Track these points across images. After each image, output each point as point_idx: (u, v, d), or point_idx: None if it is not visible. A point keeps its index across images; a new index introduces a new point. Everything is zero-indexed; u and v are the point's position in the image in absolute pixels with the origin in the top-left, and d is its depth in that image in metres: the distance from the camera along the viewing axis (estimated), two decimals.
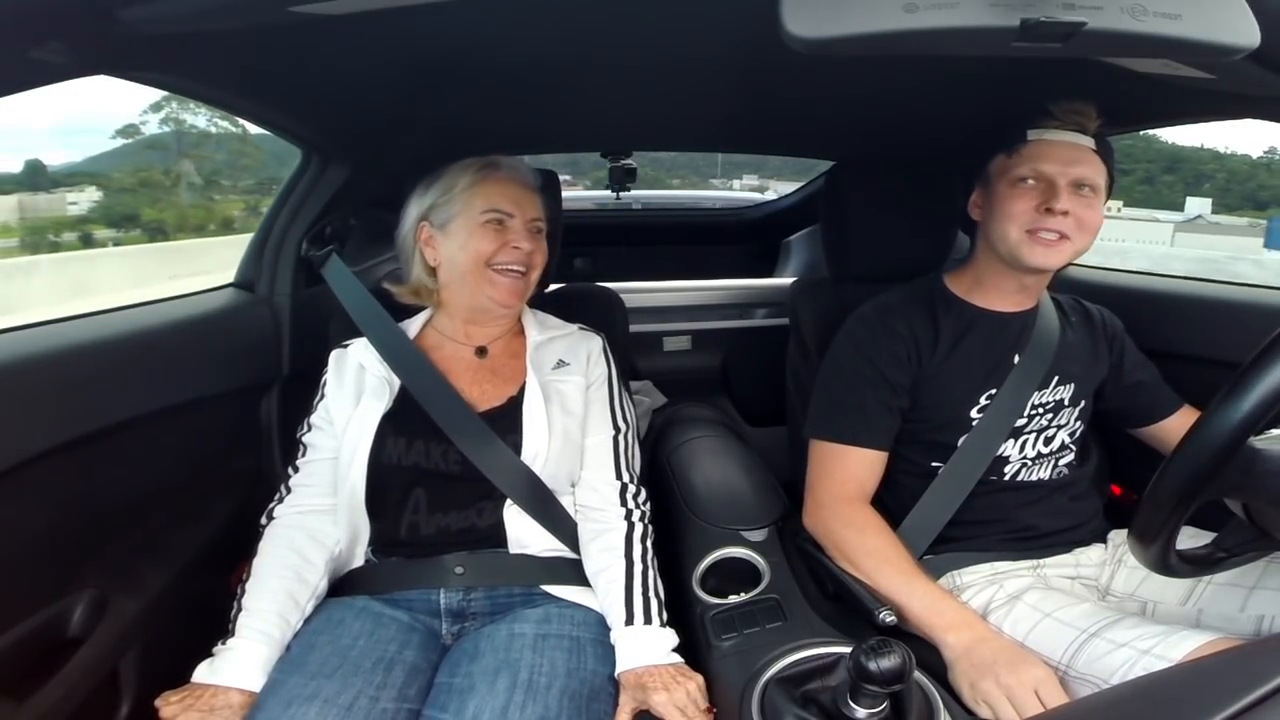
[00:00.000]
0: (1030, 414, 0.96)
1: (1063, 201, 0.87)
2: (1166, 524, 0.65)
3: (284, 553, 0.86)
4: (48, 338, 0.83)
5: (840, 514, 0.92)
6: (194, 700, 0.73)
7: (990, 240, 0.96)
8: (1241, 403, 0.57)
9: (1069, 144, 0.89)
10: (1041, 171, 0.89)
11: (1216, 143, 15.64)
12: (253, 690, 0.75)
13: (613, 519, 0.92)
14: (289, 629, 0.81)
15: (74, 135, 28.83)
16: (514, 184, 0.97)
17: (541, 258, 0.99)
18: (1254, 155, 11.69)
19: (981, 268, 1.00)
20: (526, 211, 0.96)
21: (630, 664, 0.80)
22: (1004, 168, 0.92)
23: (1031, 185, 0.90)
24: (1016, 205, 0.90)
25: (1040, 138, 0.90)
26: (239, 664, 0.76)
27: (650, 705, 0.76)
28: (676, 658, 0.81)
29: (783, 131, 1.52)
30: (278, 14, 0.61)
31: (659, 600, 0.86)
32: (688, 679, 0.77)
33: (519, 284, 0.96)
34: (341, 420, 0.92)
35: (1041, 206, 0.88)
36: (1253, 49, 0.51)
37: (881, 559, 0.86)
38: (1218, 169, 11.84)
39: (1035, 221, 0.89)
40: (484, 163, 0.98)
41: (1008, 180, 0.91)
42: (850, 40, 0.49)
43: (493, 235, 0.94)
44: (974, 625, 0.80)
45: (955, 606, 0.82)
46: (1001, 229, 0.92)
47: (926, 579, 0.85)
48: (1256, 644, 0.62)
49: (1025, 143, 0.90)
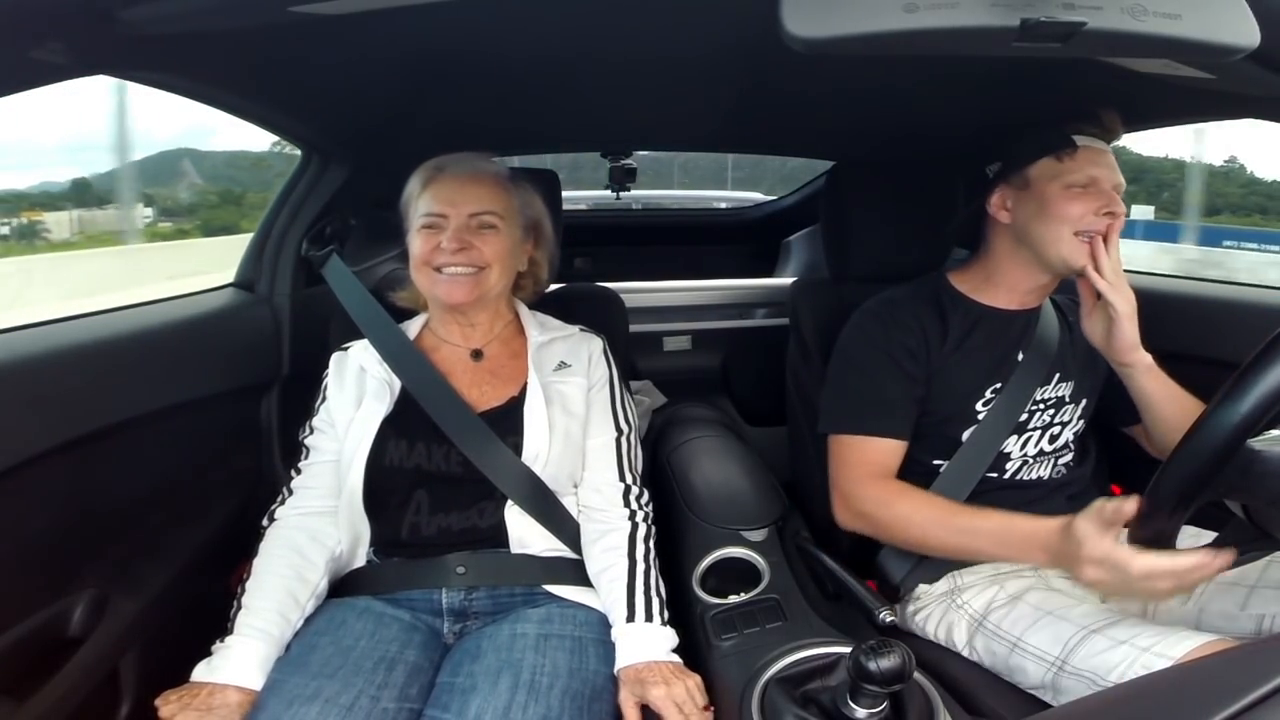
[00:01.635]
0: (1032, 409, 0.97)
1: (1118, 205, 0.92)
2: (1166, 524, 0.65)
3: (285, 552, 0.86)
4: (48, 338, 0.83)
5: (869, 498, 0.93)
6: (191, 699, 0.73)
7: (1029, 240, 0.95)
8: (1240, 404, 0.57)
9: (1107, 151, 0.94)
10: (1096, 178, 0.92)
11: (1183, 153, 15.64)
12: (251, 688, 0.75)
13: (616, 520, 0.92)
14: (289, 627, 0.81)
15: (77, 152, 28.16)
16: (454, 182, 0.94)
17: (495, 253, 0.93)
18: (1215, 164, 11.82)
19: (998, 266, 1.00)
20: (465, 208, 0.93)
21: (630, 660, 0.80)
22: (1055, 172, 0.93)
23: (1087, 191, 0.92)
24: (1073, 208, 0.91)
25: (1089, 144, 0.93)
26: (237, 662, 0.76)
27: (649, 700, 0.76)
28: (676, 657, 0.81)
29: (783, 131, 1.52)
30: (278, 14, 0.61)
31: (660, 599, 0.86)
32: (686, 676, 0.78)
33: (463, 282, 0.92)
34: (343, 422, 0.91)
35: (1102, 210, 0.91)
36: (1253, 49, 0.51)
37: (926, 518, 0.88)
38: (1178, 178, 11.92)
39: (1090, 225, 0.91)
40: (433, 166, 0.97)
41: (1062, 184, 0.92)
42: (850, 40, 0.49)
43: (427, 238, 0.92)
44: (1040, 537, 0.80)
45: (1017, 530, 0.83)
46: (1053, 230, 0.93)
47: (974, 514, 0.87)
48: (1256, 644, 0.62)
49: (1076, 148, 0.92)
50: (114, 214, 4.92)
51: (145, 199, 4.52)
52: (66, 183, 4.00)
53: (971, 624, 0.88)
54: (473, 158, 0.98)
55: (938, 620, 0.93)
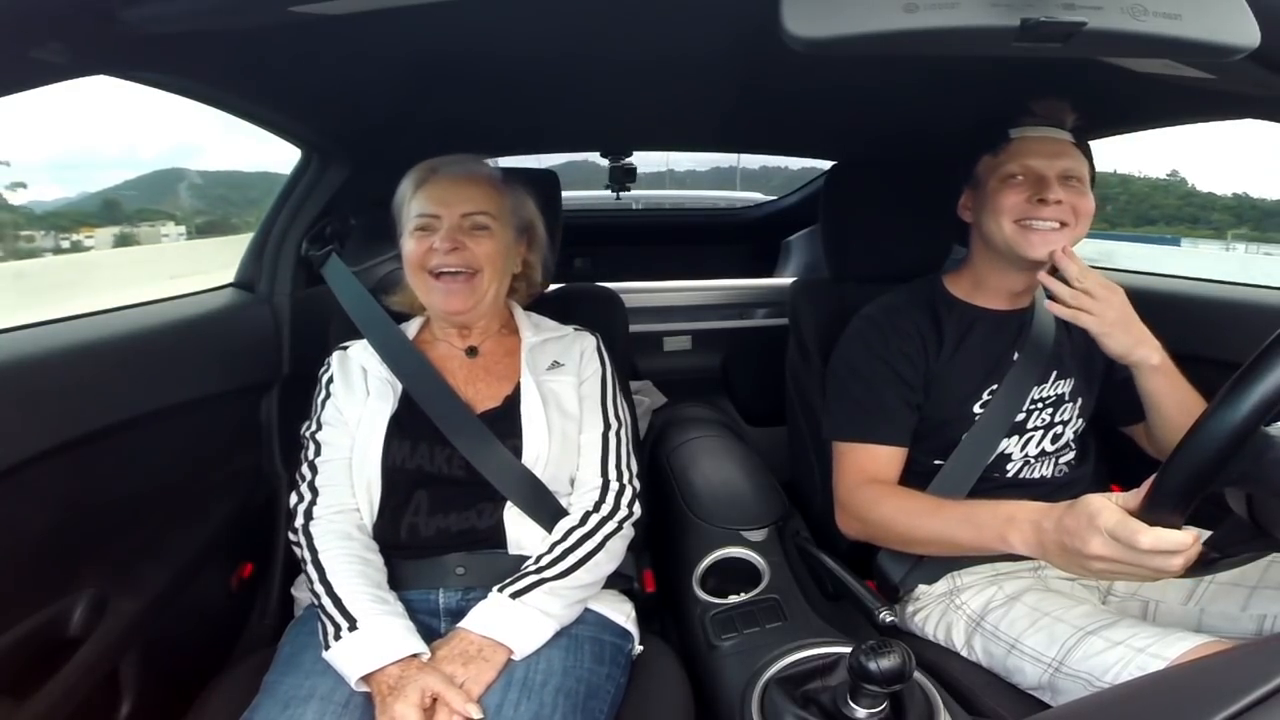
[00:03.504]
0: (1030, 408, 0.97)
1: (1055, 192, 0.90)
2: (1166, 524, 0.64)
3: (345, 543, 0.84)
4: (48, 338, 0.83)
5: (860, 500, 0.93)
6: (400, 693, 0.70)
7: (985, 237, 0.98)
8: (1239, 405, 0.57)
9: (1051, 139, 0.93)
10: (1030, 166, 0.92)
11: (1131, 167, 15.64)
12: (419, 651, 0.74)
13: (587, 510, 0.89)
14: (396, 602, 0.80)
15: (63, 170, 27.17)
16: (447, 183, 0.94)
17: (487, 255, 0.93)
18: (1157, 177, 11.80)
19: (980, 268, 1.02)
20: (458, 208, 0.92)
21: (468, 625, 0.77)
22: (992, 166, 0.95)
23: (1021, 180, 0.93)
24: (1007, 199, 0.93)
25: (1023, 134, 0.94)
26: (390, 634, 0.74)
27: (434, 660, 0.74)
28: (507, 654, 0.76)
29: (782, 131, 1.52)
30: (278, 14, 0.61)
31: (563, 601, 0.81)
32: (490, 669, 0.74)
33: (459, 288, 0.92)
34: (353, 420, 0.91)
35: (1033, 198, 0.91)
36: (1253, 49, 0.51)
37: (910, 513, 0.87)
38: (1121, 191, 11.85)
39: (1026, 213, 0.92)
40: (426, 167, 0.96)
41: (998, 177, 0.94)
42: (850, 40, 0.49)
43: (420, 239, 0.92)
44: (1017, 521, 0.76)
45: (983, 509, 0.81)
46: (995, 224, 0.94)
47: (955, 506, 0.86)
48: (1257, 644, 0.62)
49: (1009, 141, 0.94)
50: (147, 230, 4.88)
51: (169, 216, 4.52)
52: (96, 200, 4.00)
53: (970, 624, 0.88)
54: (465, 159, 0.98)
55: (937, 620, 0.93)
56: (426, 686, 0.70)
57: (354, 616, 0.75)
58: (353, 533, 0.85)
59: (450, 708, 0.69)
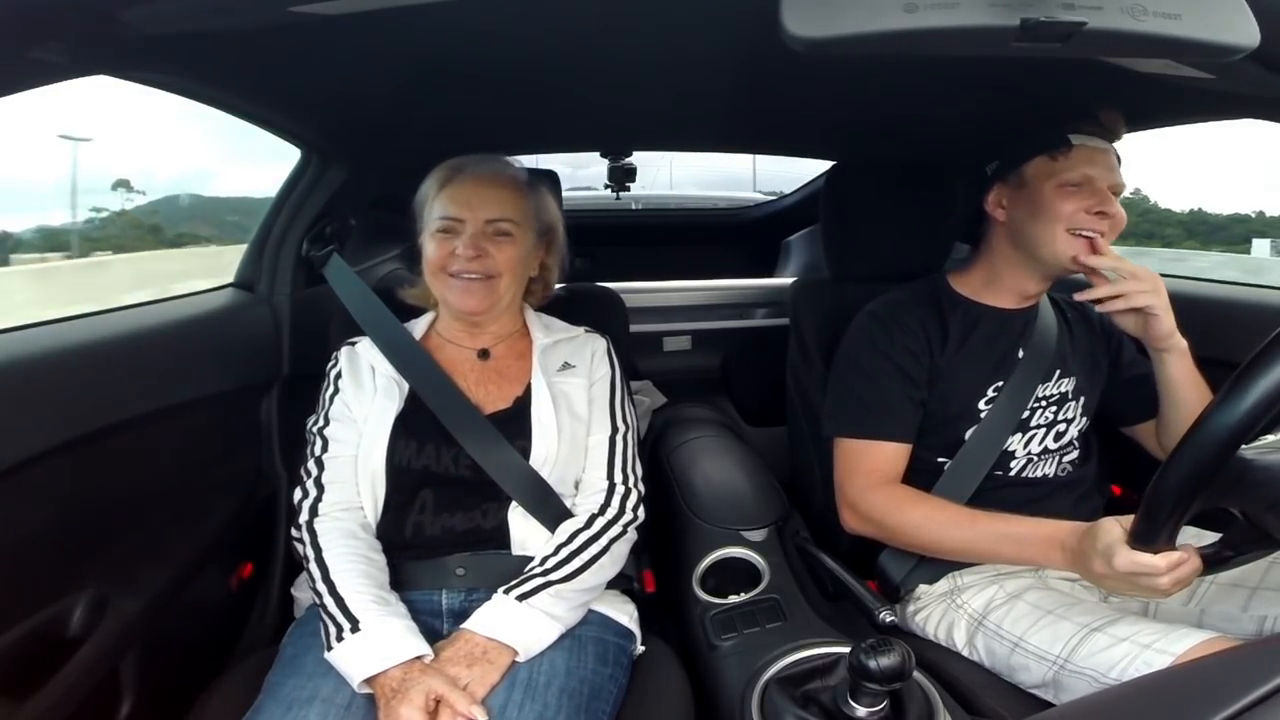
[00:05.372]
0: (1034, 406, 0.97)
1: (1113, 204, 0.91)
2: (1165, 527, 0.65)
3: (349, 542, 0.83)
4: (48, 338, 0.83)
5: (877, 503, 0.93)
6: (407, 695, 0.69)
7: (1020, 237, 0.96)
8: (1237, 406, 0.57)
9: (1106, 151, 0.94)
10: (1091, 176, 0.92)
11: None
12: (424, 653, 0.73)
13: (593, 512, 0.89)
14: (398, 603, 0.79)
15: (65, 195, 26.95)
16: (473, 185, 0.93)
17: (508, 261, 0.93)
18: (1126, 195, 11.87)
19: (998, 266, 1.01)
20: (482, 213, 0.92)
21: (473, 626, 0.76)
22: (1049, 170, 0.93)
23: (1082, 189, 0.92)
24: (1066, 206, 0.92)
25: (1085, 144, 0.93)
26: (391, 636, 0.73)
27: (438, 662, 0.73)
28: (512, 656, 0.76)
29: (783, 131, 1.52)
30: (278, 14, 0.61)
31: (568, 604, 0.81)
32: (494, 670, 0.74)
33: (477, 289, 0.92)
34: (360, 418, 0.91)
35: (1093, 208, 0.91)
36: (1253, 49, 0.51)
37: (941, 524, 0.88)
38: None
39: (1082, 222, 0.91)
40: (450, 167, 0.96)
41: (1056, 182, 0.93)
42: (850, 40, 0.49)
43: (442, 242, 0.92)
44: (1056, 540, 0.79)
45: (1041, 533, 0.82)
46: (1047, 229, 0.93)
47: (993, 519, 0.86)
48: (1257, 644, 0.62)
49: (1071, 147, 0.92)
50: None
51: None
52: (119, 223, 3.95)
53: (971, 623, 0.88)
54: (491, 159, 0.97)
55: (938, 620, 0.93)
56: (430, 689, 0.69)
57: (356, 617, 0.75)
58: (357, 531, 0.85)
59: (454, 710, 0.69)
